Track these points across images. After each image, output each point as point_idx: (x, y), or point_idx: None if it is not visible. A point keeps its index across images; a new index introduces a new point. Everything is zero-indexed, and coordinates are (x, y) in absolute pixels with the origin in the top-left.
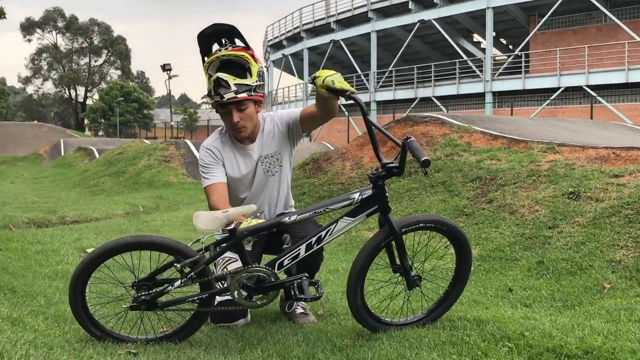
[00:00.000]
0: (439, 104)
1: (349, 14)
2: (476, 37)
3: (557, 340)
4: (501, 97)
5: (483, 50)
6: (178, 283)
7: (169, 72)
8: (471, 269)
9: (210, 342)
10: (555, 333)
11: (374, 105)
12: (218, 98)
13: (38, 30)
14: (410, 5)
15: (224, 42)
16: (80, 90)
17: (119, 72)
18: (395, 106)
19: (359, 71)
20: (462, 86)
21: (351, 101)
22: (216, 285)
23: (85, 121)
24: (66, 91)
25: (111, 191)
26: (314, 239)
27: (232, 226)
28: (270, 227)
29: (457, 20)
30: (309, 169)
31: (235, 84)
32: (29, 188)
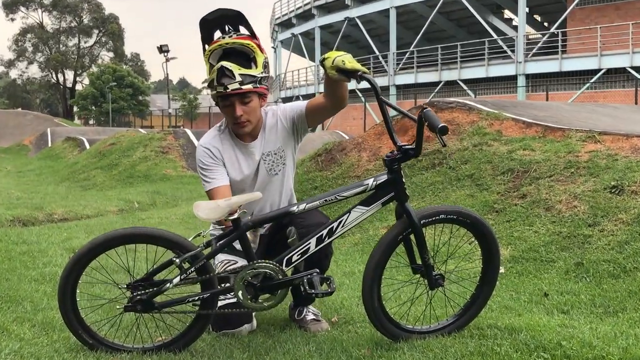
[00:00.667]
0: (465, 88)
1: None
2: (507, 14)
3: (598, 350)
4: (535, 80)
5: (515, 28)
6: (177, 280)
7: (166, 54)
8: (500, 270)
9: (213, 352)
10: (596, 342)
11: (393, 90)
12: (221, 89)
13: (22, 8)
14: None
15: (227, 30)
16: (69, 74)
17: (111, 55)
18: (416, 90)
19: (377, 52)
20: (492, 68)
21: (366, 84)
22: (218, 285)
23: (75, 108)
24: (53, 75)
25: (103, 186)
26: (325, 232)
27: (236, 215)
28: (277, 218)
29: None
30: (321, 161)
31: (240, 74)
32: (13, 182)
